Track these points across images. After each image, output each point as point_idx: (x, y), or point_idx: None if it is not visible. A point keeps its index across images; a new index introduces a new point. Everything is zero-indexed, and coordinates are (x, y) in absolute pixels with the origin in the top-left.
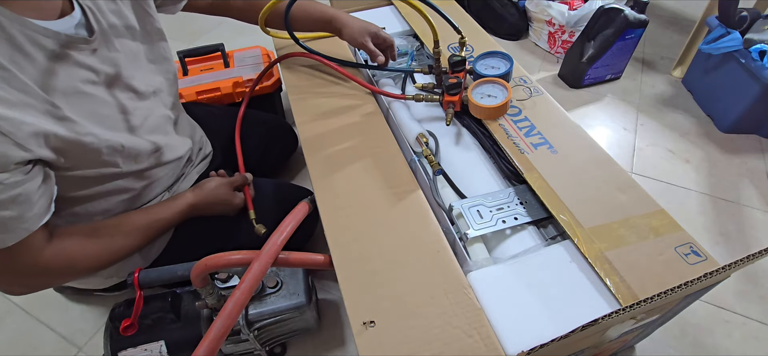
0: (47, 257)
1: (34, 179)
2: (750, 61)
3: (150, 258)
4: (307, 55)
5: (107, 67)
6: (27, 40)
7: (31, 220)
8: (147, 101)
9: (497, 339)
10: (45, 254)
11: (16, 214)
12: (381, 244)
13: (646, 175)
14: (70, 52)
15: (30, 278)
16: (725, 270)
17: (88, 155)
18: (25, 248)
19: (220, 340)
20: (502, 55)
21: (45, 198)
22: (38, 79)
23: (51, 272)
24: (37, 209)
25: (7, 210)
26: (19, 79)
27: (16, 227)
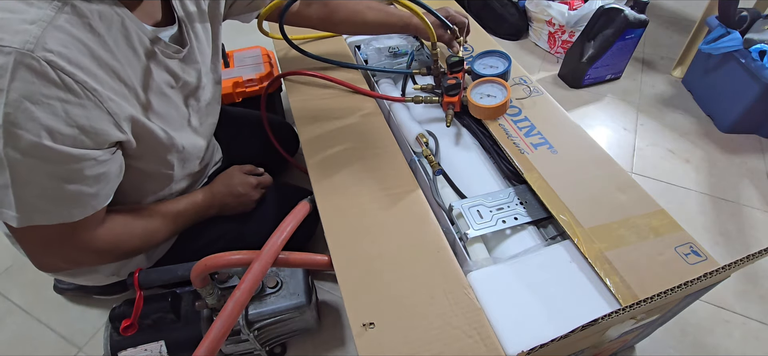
0: (100, 234)
1: (117, 161)
2: (750, 61)
3: (153, 259)
4: (309, 74)
5: (187, 77)
6: (138, 41)
7: (101, 197)
8: (205, 110)
9: (497, 339)
10: (99, 232)
11: (94, 191)
12: (381, 244)
13: (646, 175)
14: (163, 58)
15: (80, 253)
16: (725, 269)
17: (157, 149)
18: (86, 225)
19: (220, 340)
20: (500, 54)
21: (117, 181)
22: (139, 74)
23: (101, 249)
24: (109, 189)
25: (89, 187)
26: (126, 71)
27: (87, 204)
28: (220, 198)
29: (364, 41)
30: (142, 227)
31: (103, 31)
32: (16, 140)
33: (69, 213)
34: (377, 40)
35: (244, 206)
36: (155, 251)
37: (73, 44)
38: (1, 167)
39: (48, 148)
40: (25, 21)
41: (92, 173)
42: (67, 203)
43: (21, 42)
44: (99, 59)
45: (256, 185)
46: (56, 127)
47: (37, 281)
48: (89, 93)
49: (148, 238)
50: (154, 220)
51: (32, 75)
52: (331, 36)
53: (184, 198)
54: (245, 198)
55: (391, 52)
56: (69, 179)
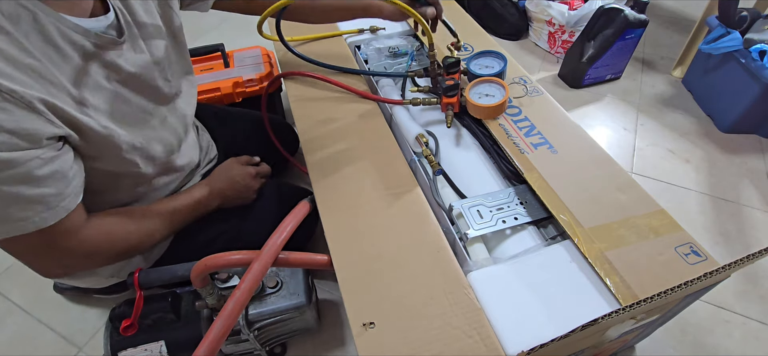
0: (86, 236)
1: (67, 155)
2: (750, 61)
3: (151, 259)
4: (309, 75)
5: (132, 68)
6: (60, 36)
7: (69, 198)
8: (167, 104)
9: (497, 339)
10: (84, 233)
11: (55, 191)
12: (381, 244)
13: (646, 175)
14: (98, 51)
15: (70, 258)
16: (725, 269)
17: (111, 150)
18: (65, 228)
19: (220, 340)
20: (495, 54)
21: (79, 177)
22: (68, 72)
23: (90, 251)
24: (73, 187)
25: (47, 187)
26: (47, 68)
27: (57, 205)
28: (218, 191)
29: (364, 41)
30: (135, 226)
31: (10, 28)
32: None
33: (40, 218)
34: (377, 41)
35: (244, 199)
36: (153, 251)
37: None
38: None
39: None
40: None
41: (43, 172)
42: (32, 208)
43: None
44: (10, 58)
45: (255, 175)
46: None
47: (37, 281)
48: (7, 96)
49: (143, 237)
50: (149, 218)
51: None
52: (331, 36)
53: (181, 194)
54: (245, 190)
55: (390, 53)
56: (22, 182)
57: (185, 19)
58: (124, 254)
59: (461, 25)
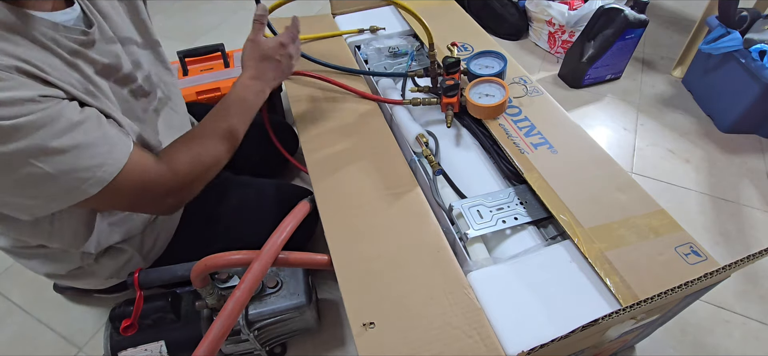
0: (163, 170)
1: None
2: (750, 61)
3: (151, 259)
4: (309, 75)
5: (104, 60)
6: (32, 29)
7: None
8: (149, 95)
9: (497, 339)
10: (160, 169)
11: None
12: (381, 244)
13: (646, 175)
14: (71, 44)
15: (164, 194)
16: (725, 270)
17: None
18: (143, 170)
19: (220, 340)
20: (495, 54)
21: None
22: (50, 59)
23: (178, 182)
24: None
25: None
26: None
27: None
28: (254, 69)
29: (364, 41)
30: (198, 143)
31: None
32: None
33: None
34: (377, 41)
35: (284, 67)
36: (153, 250)
37: None
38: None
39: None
40: None
41: (81, 117)
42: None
43: None
44: (12, 55)
45: (285, 42)
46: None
47: (37, 281)
48: (23, 71)
49: (211, 148)
50: (206, 127)
51: None
52: (332, 36)
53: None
54: (274, 52)
55: (390, 52)
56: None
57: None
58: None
59: (461, 26)
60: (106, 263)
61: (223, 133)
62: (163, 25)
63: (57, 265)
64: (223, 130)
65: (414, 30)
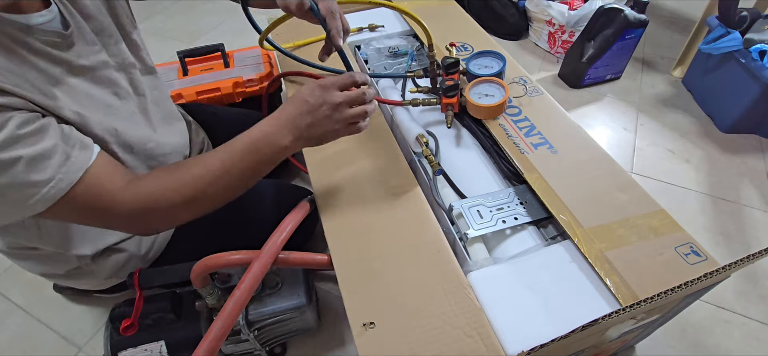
0: (126, 198)
1: (50, 119)
2: (750, 61)
3: (149, 259)
4: (309, 75)
5: (84, 61)
6: (7, 37)
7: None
8: (134, 92)
9: (497, 339)
10: (122, 195)
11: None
12: (381, 244)
13: (646, 175)
14: (44, 47)
15: (118, 219)
16: (725, 270)
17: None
18: (98, 192)
19: (220, 340)
20: (494, 54)
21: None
22: (28, 71)
23: (135, 210)
24: (79, 144)
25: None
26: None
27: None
28: (288, 120)
29: (363, 42)
30: (178, 176)
31: None
32: None
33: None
34: (377, 41)
35: (328, 132)
36: (152, 250)
37: None
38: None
39: None
40: None
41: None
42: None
43: None
44: None
45: (342, 101)
46: None
47: (37, 281)
48: None
49: (192, 183)
50: (193, 167)
51: None
52: None
53: (241, 135)
54: (325, 118)
55: (390, 53)
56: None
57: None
58: (175, 204)
59: (461, 26)
60: (104, 263)
61: (211, 175)
62: (163, 25)
63: (53, 265)
64: (213, 172)
65: (414, 30)
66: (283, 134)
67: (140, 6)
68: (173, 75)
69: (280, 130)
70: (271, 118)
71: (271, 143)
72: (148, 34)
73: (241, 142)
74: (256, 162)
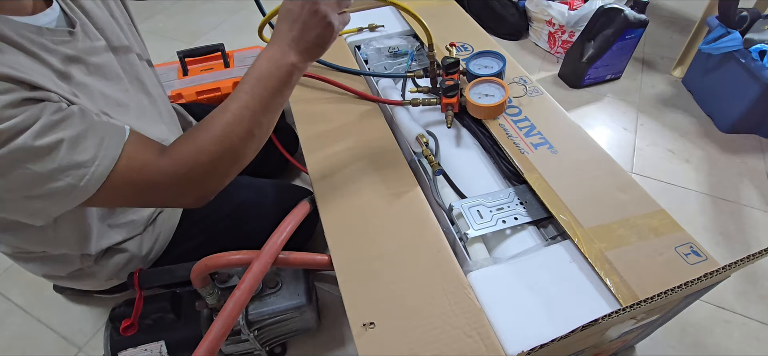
0: (166, 164)
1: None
2: (750, 61)
3: (150, 260)
4: (309, 75)
5: (93, 58)
6: (16, 35)
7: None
8: (139, 92)
9: (497, 339)
10: (162, 162)
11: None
12: (381, 244)
13: (646, 175)
14: (56, 46)
15: (171, 189)
16: (725, 270)
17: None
18: (140, 164)
19: (220, 340)
20: (494, 54)
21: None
22: (40, 73)
23: (180, 176)
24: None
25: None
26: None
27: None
28: (284, 35)
29: (363, 41)
30: (209, 131)
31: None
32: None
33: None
34: (377, 41)
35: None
36: (152, 251)
37: None
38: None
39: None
40: None
41: (62, 115)
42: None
43: None
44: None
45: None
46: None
47: (37, 281)
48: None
49: (223, 131)
50: (215, 112)
51: None
52: None
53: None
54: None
55: (390, 52)
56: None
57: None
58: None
59: (461, 25)
60: (105, 264)
61: (233, 116)
62: (163, 25)
63: (56, 267)
64: (234, 112)
65: (414, 30)
66: (284, 51)
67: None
68: (173, 75)
69: (280, 48)
70: (269, 43)
71: (278, 64)
72: (148, 34)
73: (251, 75)
74: (273, 88)
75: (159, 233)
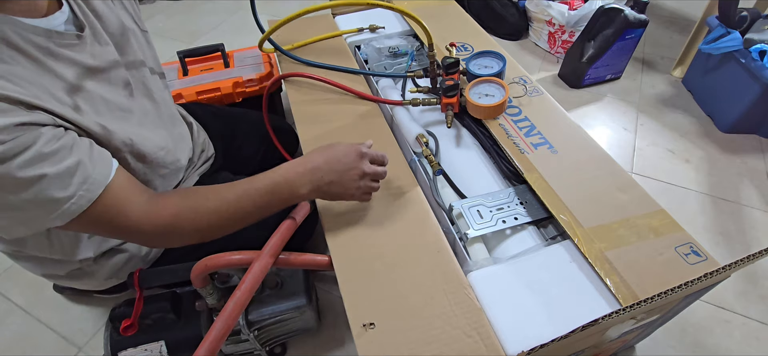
0: (146, 220)
1: (72, 134)
2: (750, 61)
3: (150, 260)
4: (309, 76)
5: (100, 63)
6: (21, 39)
7: (96, 165)
8: (145, 97)
9: (497, 339)
10: (138, 212)
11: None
12: (381, 244)
13: (646, 175)
14: (62, 50)
15: (142, 236)
16: (725, 270)
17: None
18: (116, 210)
19: (220, 340)
20: (494, 54)
21: (102, 154)
22: (48, 78)
23: (156, 231)
24: (101, 159)
25: (70, 158)
26: (32, 78)
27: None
28: (312, 167)
29: (364, 41)
30: (196, 201)
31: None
32: None
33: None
34: (377, 41)
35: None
36: (152, 251)
37: None
38: None
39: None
40: None
41: (55, 147)
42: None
43: None
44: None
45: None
46: None
47: (37, 281)
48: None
49: (209, 214)
50: (211, 197)
51: None
52: (331, 36)
53: (264, 173)
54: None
55: (390, 52)
56: (40, 161)
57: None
58: (194, 228)
59: (461, 25)
60: (105, 264)
61: (229, 207)
62: (163, 25)
63: (55, 267)
64: (232, 204)
65: (414, 30)
66: (303, 183)
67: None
68: (173, 75)
69: (301, 179)
70: (297, 163)
71: (290, 189)
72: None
73: (262, 183)
74: (271, 203)
75: None
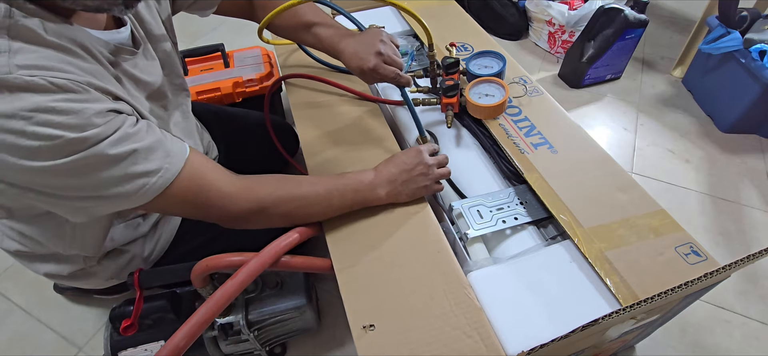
0: (240, 197)
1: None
2: (750, 61)
3: (151, 260)
4: (309, 77)
5: (147, 77)
6: (98, 51)
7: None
8: (175, 109)
9: (497, 339)
10: (235, 194)
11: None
12: (381, 244)
13: (646, 175)
14: (122, 62)
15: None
16: (725, 270)
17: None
18: (200, 183)
19: (201, 327)
20: (494, 54)
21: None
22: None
23: (245, 211)
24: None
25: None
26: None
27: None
28: (386, 175)
29: None
30: (286, 187)
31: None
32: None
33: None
34: None
35: (417, 187)
36: (154, 252)
37: (41, 57)
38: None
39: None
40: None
41: (137, 128)
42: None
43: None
44: (72, 64)
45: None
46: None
47: (38, 281)
48: (82, 86)
49: (296, 200)
50: (303, 184)
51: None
52: None
53: (348, 173)
54: (418, 173)
55: None
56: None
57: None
58: (279, 211)
59: (461, 25)
60: (107, 264)
61: (318, 197)
62: None
63: (60, 266)
64: (320, 195)
65: (414, 30)
66: (382, 185)
67: None
68: None
69: (381, 182)
70: (375, 171)
71: (371, 189)
72: None
73: (349, 179)
74: (353, 201)
75: (161, 235)
